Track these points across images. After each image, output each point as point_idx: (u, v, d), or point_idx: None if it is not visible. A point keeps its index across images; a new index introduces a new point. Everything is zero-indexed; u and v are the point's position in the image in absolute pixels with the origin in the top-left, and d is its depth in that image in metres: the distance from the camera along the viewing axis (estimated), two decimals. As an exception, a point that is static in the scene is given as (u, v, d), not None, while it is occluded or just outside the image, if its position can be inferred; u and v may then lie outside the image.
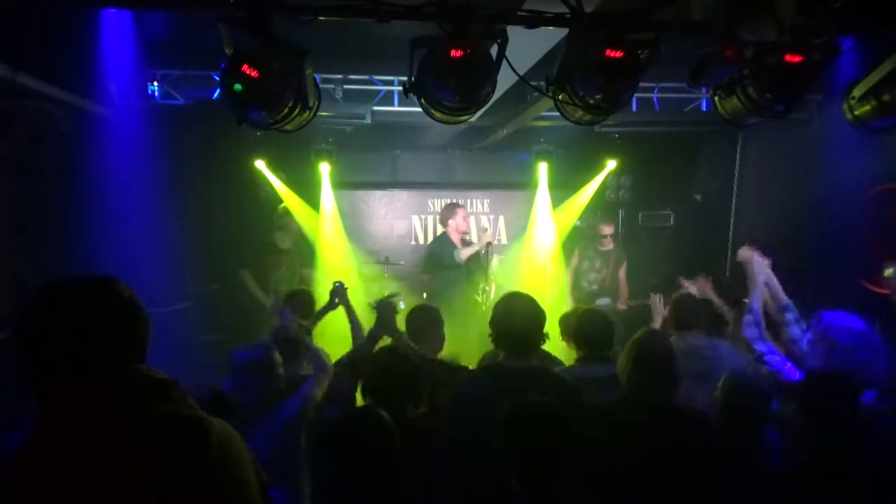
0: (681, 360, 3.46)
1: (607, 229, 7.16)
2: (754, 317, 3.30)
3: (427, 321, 3.72)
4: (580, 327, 3.47)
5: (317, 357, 3.43)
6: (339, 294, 4.21)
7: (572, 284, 7.08)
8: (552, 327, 3.27)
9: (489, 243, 6.38)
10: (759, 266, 3.42)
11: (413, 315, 3.78)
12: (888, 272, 4.45)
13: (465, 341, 4.79)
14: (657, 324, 4.27)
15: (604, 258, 7.05)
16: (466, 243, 6.81)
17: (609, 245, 7.13)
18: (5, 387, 1.51)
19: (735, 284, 5.99)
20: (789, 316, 3.31)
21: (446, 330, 3.81)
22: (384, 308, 3.82)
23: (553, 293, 6.89)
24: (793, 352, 3.25)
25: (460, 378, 3.04)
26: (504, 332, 2.91)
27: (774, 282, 3.41)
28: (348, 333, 4.06)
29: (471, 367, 3.61)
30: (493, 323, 2.95)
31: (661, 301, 4.36)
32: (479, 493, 2.65)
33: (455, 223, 6.75)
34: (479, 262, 6.57)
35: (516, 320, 2.87)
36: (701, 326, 3.90)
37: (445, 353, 3.82)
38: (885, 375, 2.83)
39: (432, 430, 2.80)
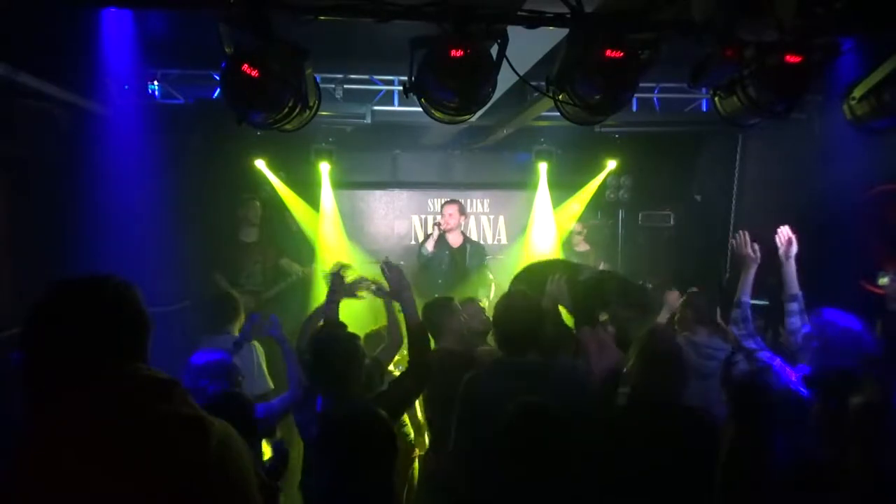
0: (693, 357, 3.46)
1: (577, 227, 7.13)
2: (742, 311, 3.27)
3: (442, 313, 3.70)
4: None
5: (294, 376, 3.41)
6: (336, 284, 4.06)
7: None
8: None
9: (437, 224, 6.23)
10: (749, 251, 3.38)
11: (427, 308, 3.77)
12: (883, 280, 4.44)
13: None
14: (663, 318, 4.26)
15: (581, 259, 6.96)
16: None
17: (583, 246, 7.09)
18: (5, 387, 1.51)
19: (735, 283, 5.99)
20: (794, 306, 3.28)
21: None
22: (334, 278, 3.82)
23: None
24: (787, 342, 3.23)
25: (465, 377, 3.04)
26: (503, 331, 2.95)
27: (791, 270, 3.36)
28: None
29: None
30: (494, 323, 3.01)
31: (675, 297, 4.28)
32: (483, 489, 2.66)
33: (443, 220, 6.49)
34: (451, 261, 6.33)
35: (514, 319, 2.92)
36: (709, 325, 3.90)
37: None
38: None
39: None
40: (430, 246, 6.25)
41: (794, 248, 3.38)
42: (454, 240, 6.47)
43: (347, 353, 2.94)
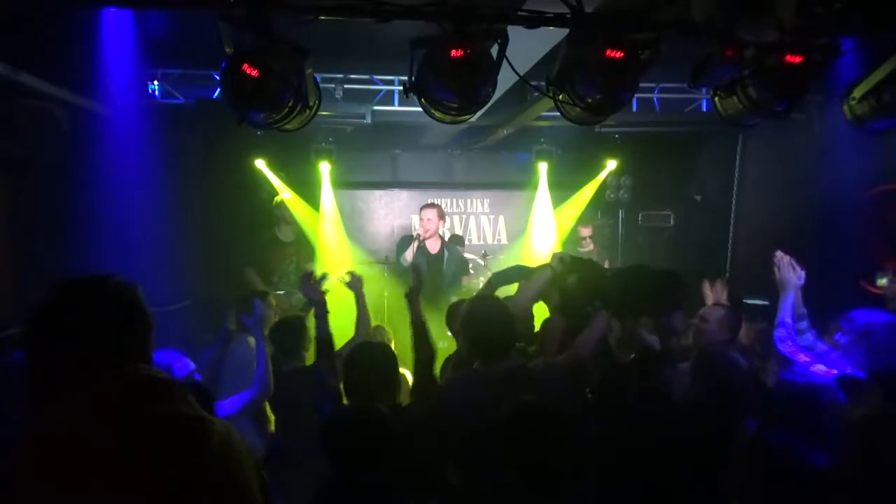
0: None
1: (585, 231, 7.23)
2: (787, 330, 3.19)
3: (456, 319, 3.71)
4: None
5: (262, 373, 3.40)
6: (354, 285, 4.02)
7: None
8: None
9: (418, 235, 6.05)
10: (792, 273, 3.29)
11: (450, 313, 3.76)
12: (881, 282, 4.42)
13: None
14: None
15: None
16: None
17: (589, 247, 7.15)
18: (6, 387, 1.51)
19: (734, 285, 5.99)
20: (804, 324, 3.23)
21: None
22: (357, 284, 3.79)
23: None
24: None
25: (444, 384, 3.03)
26: (474, 340, 2.87)
27: (798, 295, 3.30)
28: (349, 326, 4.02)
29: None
30: (462, 330, 2.92)
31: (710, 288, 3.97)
32: (477, 492, 2.66)
33: (421, 225, 6.27)
34: (428, 270, 5.92)
35: (483, 326, 2.84)
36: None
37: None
38: None
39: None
40: (408, 256, 6.16)
41: (799, 270, 3.29)
42: (432, 246, 6.25)
43: (382, 368, 2.91)
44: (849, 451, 2.40)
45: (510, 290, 3.67)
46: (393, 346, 4.48)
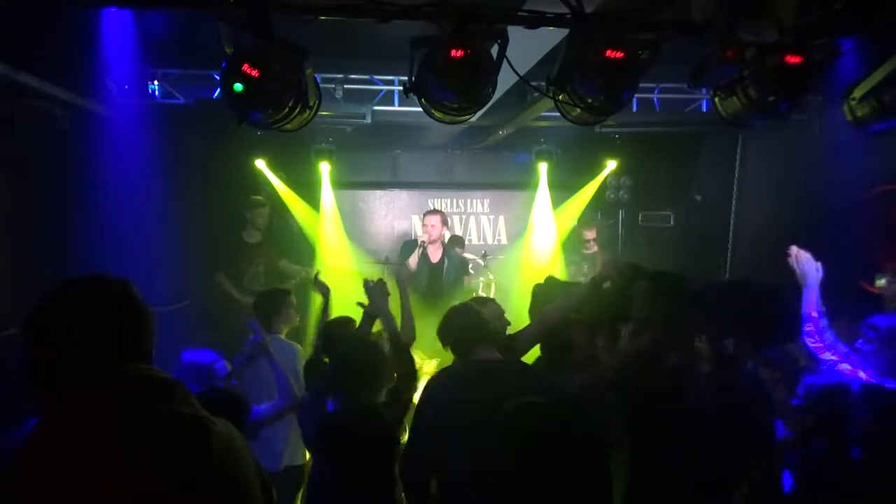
0: None
1: (589, 234, 7.24)
2: (814, 325, 3.11)
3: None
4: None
5: (283, 384, 3.42)
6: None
7: None
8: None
9: (423, 242, 6.08)
10: (811, 265, 3.24)
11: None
12: (880, 283, 4.40)
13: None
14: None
15: (590, 262, 7.05)
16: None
17: (593, 248, 7.17)
18: (6, 385, 1.51)
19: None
20: (824, 322, 3.17)
21: None
22: (374, 289, 3.65)
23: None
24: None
25: (427, 382, 3.07)
26: (445, 339, 3.06)
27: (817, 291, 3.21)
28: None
29: None
30: (444, 330, 3.09)
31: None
32: (477, 491, 2.66)
33: (425, 230, 6.30)
34: (430, 278, 6.11)
35: (453, 323, 3.04)
36: None
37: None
38: None
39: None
40: (412, 262, 6.15)
41: (817, 262, 3.21)
42: (434, 254, 6.27)
43: (376, 363, 2.95)
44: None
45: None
46: None
